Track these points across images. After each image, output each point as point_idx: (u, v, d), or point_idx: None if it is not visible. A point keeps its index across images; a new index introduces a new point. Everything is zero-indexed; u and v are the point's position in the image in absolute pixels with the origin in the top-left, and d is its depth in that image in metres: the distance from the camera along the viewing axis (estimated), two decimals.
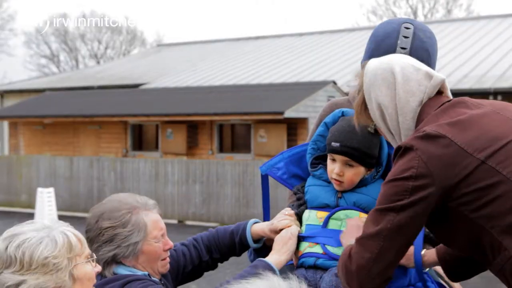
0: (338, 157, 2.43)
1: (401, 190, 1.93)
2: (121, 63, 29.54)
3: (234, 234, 2.60)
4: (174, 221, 14.97)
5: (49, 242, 1.87)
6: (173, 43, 32.00)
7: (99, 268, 2.06)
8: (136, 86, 22.76)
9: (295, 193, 2.62)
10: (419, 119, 2.06)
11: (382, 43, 2.47)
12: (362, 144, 2.41)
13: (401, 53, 2.39)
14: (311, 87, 17.65)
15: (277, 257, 2.38)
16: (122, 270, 2.33)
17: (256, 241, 2.58)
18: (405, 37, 2.44)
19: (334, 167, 2.44)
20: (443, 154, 1.90)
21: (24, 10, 69.10)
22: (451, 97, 2.13)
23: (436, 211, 1.95)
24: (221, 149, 18.96)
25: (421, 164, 1.90)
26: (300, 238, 2.47)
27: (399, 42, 2.44)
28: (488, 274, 2.22)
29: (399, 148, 2.00)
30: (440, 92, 2.12)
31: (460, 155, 1.89)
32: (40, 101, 22.00)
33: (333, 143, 2.42)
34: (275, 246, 2.43)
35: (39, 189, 12.33)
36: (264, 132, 17.73)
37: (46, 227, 1.93)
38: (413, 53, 2.40)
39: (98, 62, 45.12)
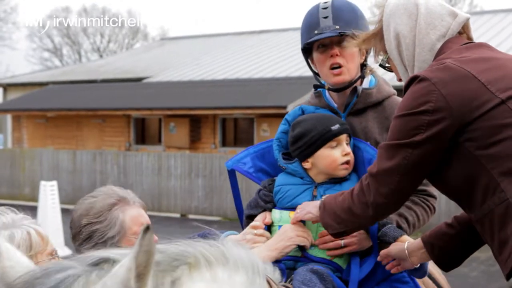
0: (341, 137, 2.40)
1: (416, 125, 1.91)
2: (124, 57, 29.50)
3: None
4: (177, 215, 14.99)
5: (7, 240, 1.73)
6: (176, 37, 31.95)
7: None
8: (139, 80, 22.74)
9: (263, 188, 2.56)
10: (440, 52, 2.05)
11: (306, 23, 2.53)
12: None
13: (324, 23, 2.46)
14: (314, 81, 17.58)
15: (268, 253, 2.33)
16: None
17: None
18: (324, 8, 2.49)
19: (340, 150, 2.39)
20: (464, 89, 1.88)
21: (26, 3, 69.03)
22: (473, 38, 2.14)
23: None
24: (224, 143, 18.96)
25: (439, 98, 1.88)
26: None
27: (320, 15, 2.48)
28: (489, 269, 2.20)
29: (415, 77, 1.96)
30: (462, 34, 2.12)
31: (482, 91, 1.88)
32: (43, 95, 22.01)
33: (332, 128, 2.38)
34: (271, 241, 2.38)
35: (42, 183, 12.32)
36: (267, 126, 17.72)
37: (8, 224, 1.88)
38: (334, 16, 2.45)
39: (101, 56, 45.07)
